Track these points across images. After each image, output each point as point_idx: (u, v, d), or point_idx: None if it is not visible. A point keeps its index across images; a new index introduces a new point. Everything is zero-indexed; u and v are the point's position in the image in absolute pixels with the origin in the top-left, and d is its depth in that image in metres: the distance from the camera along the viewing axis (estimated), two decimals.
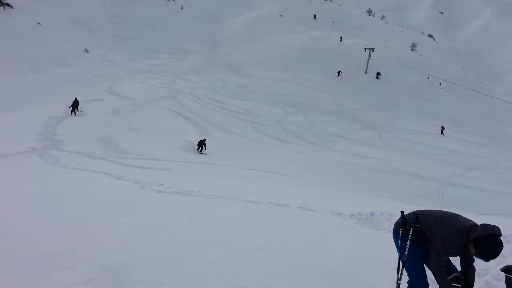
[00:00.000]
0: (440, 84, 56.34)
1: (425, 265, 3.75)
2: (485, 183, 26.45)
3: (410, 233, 3.65)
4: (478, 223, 3.57)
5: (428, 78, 58.86)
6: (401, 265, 3.73)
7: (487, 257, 3.44)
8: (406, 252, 3.66)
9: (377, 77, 58.72)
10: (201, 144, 24.65)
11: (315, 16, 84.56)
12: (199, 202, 9.71)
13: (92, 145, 22.38)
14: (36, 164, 16.81)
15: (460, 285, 3.09)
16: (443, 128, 43.81)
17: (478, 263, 4.10)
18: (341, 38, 72.33)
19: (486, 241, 3.35)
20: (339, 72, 55.76)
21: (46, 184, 11.56)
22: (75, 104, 29.08)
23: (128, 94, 36.48)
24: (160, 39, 62.15)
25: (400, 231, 3.79)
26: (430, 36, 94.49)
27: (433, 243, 3.52)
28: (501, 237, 3.43)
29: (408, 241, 3.64)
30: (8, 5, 50.41)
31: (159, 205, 9.01)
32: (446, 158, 33.31)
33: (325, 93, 50.12)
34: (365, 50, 62.04)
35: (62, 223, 6.95)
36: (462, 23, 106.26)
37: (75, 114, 28.69)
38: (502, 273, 3.48)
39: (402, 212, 3.85)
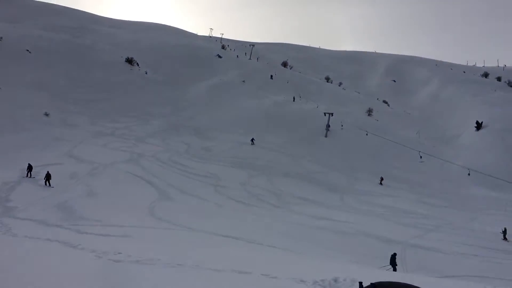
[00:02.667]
0: (421, 157, 58.91)
1: None
2: (443, 245, 26.96)
3: None
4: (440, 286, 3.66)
5: (367, 135, 62.14)
6: None
7: None
8: None
9: (326, 128, 62.01)
10: (393, 260, 19.88)
11: (271, 76, 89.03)
12: (158, 271, 9.38)
13: (47, 212, 21.49)
14: None
15: None
16: (382, 179, 47.88)
17: None
18: (294, 98, 75.78)
19: None
20: (252, 140, 53.38)
21: None
22: (30, 170, 28.18)
23: (88, 157, 35.81)
24: (123, 102, 62.35)
25: None
26: (384, 102, 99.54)
27: None
28: None
29: None
30: None
31: (113, 277, 8.62)
32: (406, 220, 33.97)
33: (288, 156, 51.01)
34: (325, 115, 64.49)
35: None
36: (414, 91, 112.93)
37: (43, 181, 27.27)
38: None
39: (360, 283, 3.92)
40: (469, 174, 51.95)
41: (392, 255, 19.96)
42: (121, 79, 69.85)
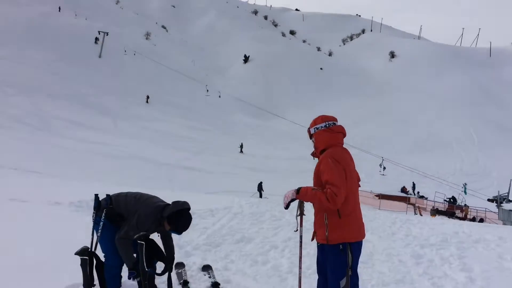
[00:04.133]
0: (208, 90, 60.43)
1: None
2: (209, 165, 29.65)
3: (104, 214, 3.71)
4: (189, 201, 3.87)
5: (134, 54, 62.37)
6: (93, 246, 3.72)
7: (179, 231, 3.79)
8: (99, 233, 3.69)
9: (95, 42, 60.24)
10: (260, 187, 24.17)
11: None
12: None
13: None
14: None
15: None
16: (147, 97, 50.73)
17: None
18: (59, 9, 68.33)
19: (177, 216, 3.68)
20: None
21: None
22: None
23: None
24: None
25: (94, 213, 3.80)
26: (163, 27, 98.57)
27: (127, 220, 3.66)
28: (190, 211, 3.83)
29: (101, 222, 3.68)
30: None
31: None
32: (177, 143, 35.71)
33: (54, 75, 46.05)
34: (99, 34, 60.03)
35: None
36: (192, 19, 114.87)
37: None
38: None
39: (96, 195, 3.85)
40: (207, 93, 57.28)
41: (258, 183, 24.08)
42: None
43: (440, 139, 53.94)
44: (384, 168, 35.38)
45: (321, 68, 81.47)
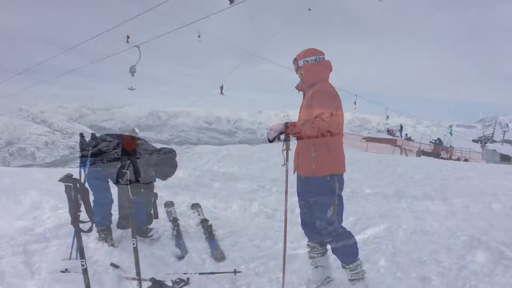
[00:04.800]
0: (199, 36, 58.38)
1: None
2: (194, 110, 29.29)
3: (90, 153, 3.68)
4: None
5: None
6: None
7: (164, 177, 3.80)
8: (86, 172, 3.69)
9: None
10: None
11: None
12: None
13: None
14: None
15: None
16: (128, 36, 49.95)
17: None
18: None
19: (163, 164, 3.68)
20: None
21: None
22: None
23: None
24: None
25: (80, 152, 3.77)
26: None
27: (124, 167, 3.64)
28: (175, 158, 3.80)
29: (88, 161, 3.66)
30: None
31: None
32: (162, 88, 35.04)
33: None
34: None
35: None
36: None
37: None
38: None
39: (81, 133, 3.81)
40: (198, 39, 56.14)
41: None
42: None
43: (429, 81, 53.90)
44: (388, 117, 34.93)
45: (309, 9, 79.25)
